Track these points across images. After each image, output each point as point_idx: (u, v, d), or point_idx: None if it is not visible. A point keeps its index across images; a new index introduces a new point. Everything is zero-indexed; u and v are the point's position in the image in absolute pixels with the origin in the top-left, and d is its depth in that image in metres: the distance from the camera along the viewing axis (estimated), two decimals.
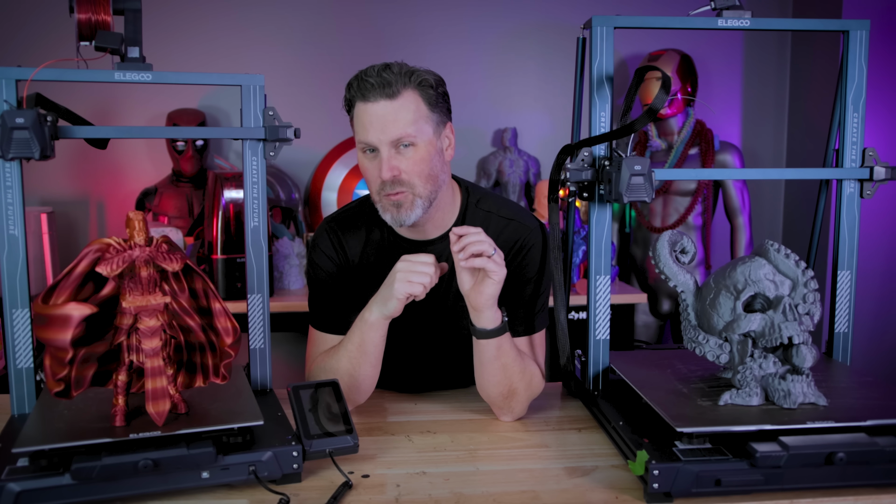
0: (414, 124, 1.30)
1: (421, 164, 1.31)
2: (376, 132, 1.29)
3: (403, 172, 1.30)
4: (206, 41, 3.43)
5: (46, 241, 2.90)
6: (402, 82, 1.29)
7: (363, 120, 1.30)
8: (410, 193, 1.32)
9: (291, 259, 2.88)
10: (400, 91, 1.29)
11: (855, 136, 1.41)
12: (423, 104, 1.32)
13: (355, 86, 1.31)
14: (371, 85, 1.28)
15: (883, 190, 1.48)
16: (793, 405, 1.14)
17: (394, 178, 1.30)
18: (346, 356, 1.33)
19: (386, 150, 1.30)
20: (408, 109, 1.29)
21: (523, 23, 3.58)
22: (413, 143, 1.30)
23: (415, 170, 1.31)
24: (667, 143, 3.11)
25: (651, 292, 3.19)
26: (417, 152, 1.31)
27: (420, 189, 1.32)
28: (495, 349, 1.30)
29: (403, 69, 1.31)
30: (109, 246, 1.03)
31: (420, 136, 1.30)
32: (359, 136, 1.32)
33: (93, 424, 1.08)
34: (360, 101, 1.30)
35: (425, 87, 1.32)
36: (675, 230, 1.35)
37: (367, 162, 1.34)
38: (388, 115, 1.29)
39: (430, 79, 1.33)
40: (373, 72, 1.30)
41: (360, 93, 1.30)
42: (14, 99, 1.18)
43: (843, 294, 1.44)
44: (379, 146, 1.30)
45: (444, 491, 1.09)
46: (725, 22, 1.34)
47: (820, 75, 3.46)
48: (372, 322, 1.31)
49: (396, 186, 1.31)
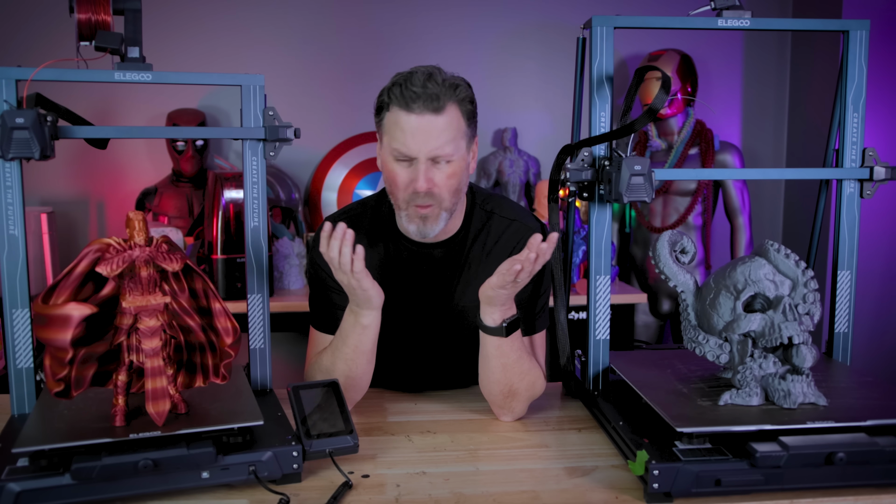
0: (454, 142, 1.29)
1: (453, 179, 1.31)
2: (418, 144, 1.27)
3: (436, 186, 1.30)
4: (206, 41, 3.43)
5: (46, 241, 2.90)
6: (448, 96, 1.28)
7: (404, 129, 1.28)
8: (437, 207, 1.32)
9: (291, 259, 2.88)
10: (445, 106, 1.27)
11: (855, 136, 1.41)
12: (463, 120, 1.31)
13: (398, 93, 1.27)
14: (416, 95, 1.26)
15: (883, 190, 1.48)
16: (793, 405, 1.14)
17: (428, 190, 1.30)
18: (341, 356, 1.33)
19: (423, 161, 1.28)
20: (451, 127, 1.28)
21: (523, 23, 3.58)
22: (450, 158, 1.30)
23: (447, 184, 1.31)
24: (667, 143, 3.11)
25: (651, 292, 3.19)
26: (451, 167, 1.31)
27: (447, 203, 1.33)
28: (495, 348, 1.30)
29: (447, 81, 1.28)
30: (109, 246, 1.03)
31: (457, 153, 1.30)
32: (395, 145, 1.29)
33: (93, 424, 1.08)
34: (403, 109, 1.27)
35: (465, 103, 1.31)
36: (675, 230, 1.35)
37: (399, 168, 1.31)
38: (433, 129, 1.27)
39: (470, 95, 1.32)
40: (418, 81, 1.26)
41: (403, 100, 1.27)
42: (14, 99, 1.18)
43: (843, 294, 1.44)
44: (417, 156, 1.28)
45: (444, 491, 1.09)
46: (725, 22, 1.34)
47: (820, 75, 3.46)
48: (364, 323, 1.30)
49: (427, 199, 1.31)
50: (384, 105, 1.31)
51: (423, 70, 1.29)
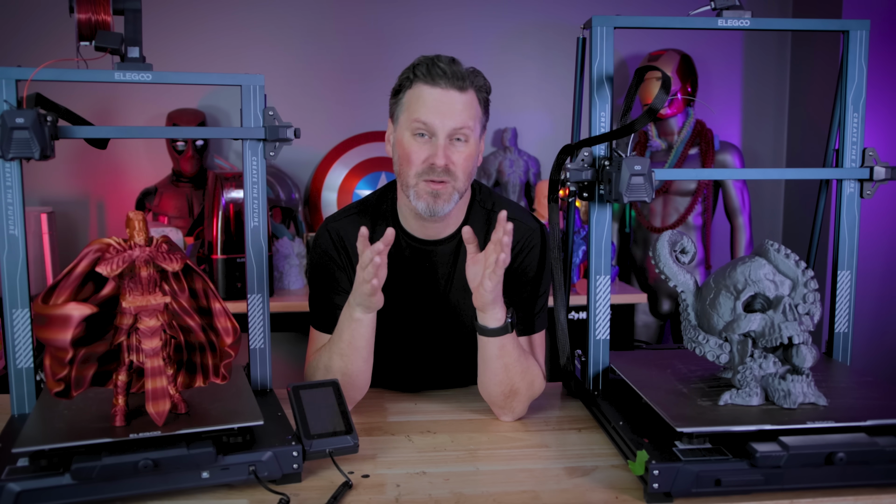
0: (473, 120, 1.34)
1: (468, 161, 1.35)
2: (441, 116, 1.31)
3: (453, 164, 1.33)
4: (206, 41, 3.43)
5: (46, 241, 2.90)
6: (471, 80, 1.34)
7: (427, 102, 1.32)
8: (452, 185, 1.34)
9: (291, 259, 2.88)
10: (468, 87, 1.34)
11: (855, 136, 1.41)
12: (480, 107, 1.37)
13: (423, 70, 1.32)
14: (443, 72, 1.31)
15: (883, 190, 1.48)
16: (793, 405, 1.14)
17: (446, 166, 1.32)
18: (337, 353, 1.33)
19: (443, 137, 1.32)
20: (471, 106, 1.34)
21: (523, 23, 3.58)
22: (467, 138, 1.34)
23: (462, 164, 1.34)
24: (667, 143, 3.11)
25: (651, 292, 3.19)
26: (468, 148, 1.34)
27: (460, 184, 1.35)
28: (497, 349, 1.30)
29: (468, 68, 1.35)
30: (109, 246, 1.03)
31: (473, 134, 1.35)
32: (417, 115, 1.32)
33: (93, 424, 1.08)
34: (428, 84, 1.32)
35: (483, 91, 1.38)
36: (675, 230, 1.35)
37: (416, 144, 1.34)
38: (457, 104, 1.32)
39: (488, 85, 1.39)
40: (444, 60, 1.33)
41: (429, 76, 1.32)
42: (14, 99, 1.18)
43: (843, 294, 1.44)
44: (438, 132, 1.32)
45: (444, 491, 1.09)
46: (725, 22, 1.34)
47: (820, 75, 3.46)
48: (359, 318, 1.30)
49: (443, 175, 1.33)
50: (406, 83, 1.35)
51: (445, 55, 1.35)
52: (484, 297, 1.25)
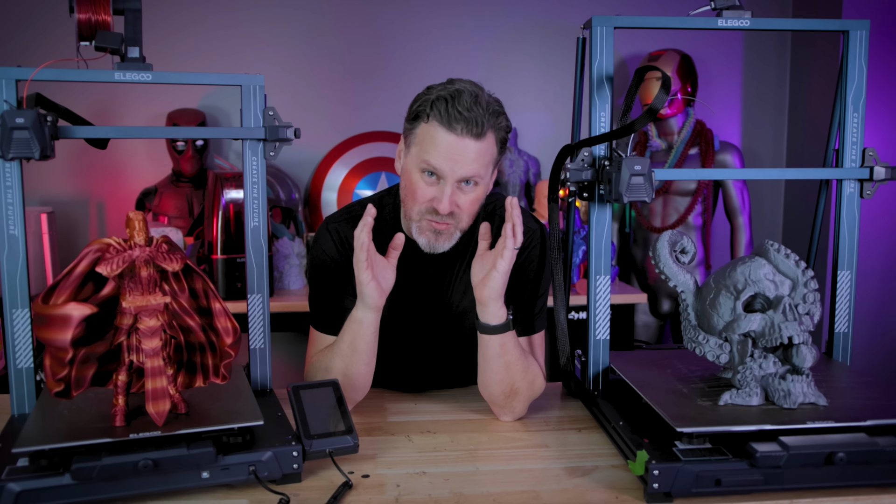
0: (485, 168, 1.30)
1: (475, 204, 1.33)
2: (452, 164, 1.27)
3: (458, 209, 1.31)
4: (206, 41, 3.43)
5: (46, 241, 2.90)
6: (489, 124, 1.28)
7: (440, 147, 1.27)
8: (455, 227, 1.34)
9: (291, 259, 2.88)
10: (485, 133, 1.28)
11: (855, 136, 1.41)
12: (496, 148, 1.32)
13: (441, 109, 1.26)
14: (460, 117, 1.25)
15: (883, 190, 1.48)
16: (793, 405, 1.14)
17: (450, 211, 1.30)
18: (339, 355, 1.33)
19: (451, 183, 1.29)
20: (486, 154, 1.29)
21: (523, 23, 3.58)
22: (477, 183, 1.31)
23: (468, 208, 1.32)
24: (667, 143, 3.11)
25: (651, 292, 3.19)
26: (476, 191, 1.32)
27: (464, 224, 1.34)
28: (499, 346, 1.30)
29: (490, 107, 1.28)
30: (109, 246, 1.03)
31: (483, 179, 1.32)
32: (427, 157, 1.28)
33: (93, 424, 1.08)
34: (443, 127, 1.26)
35: (501, 130, 1.32)
36: (675, 230, 1.35)
37: (423, 183, 1.31)
38: (470, 154, 1.27)
39: (508, 125, 1.33)
40: (465, 103, 1.25)
41: (446, 119, 1.26)
42: (14, 99, 1.18)
43: (843, 294, 1.44)
44: (447, 177, 1.28)
45: (444, 491, 1.09)
46: (725, 22, 1.34)
47: (820, 75, 3.46)
48: (360, 319, 1.31)
49: (446, 218, 1.32)
50: (422, 115, 1.30)
51: (469, 90, 1.28)
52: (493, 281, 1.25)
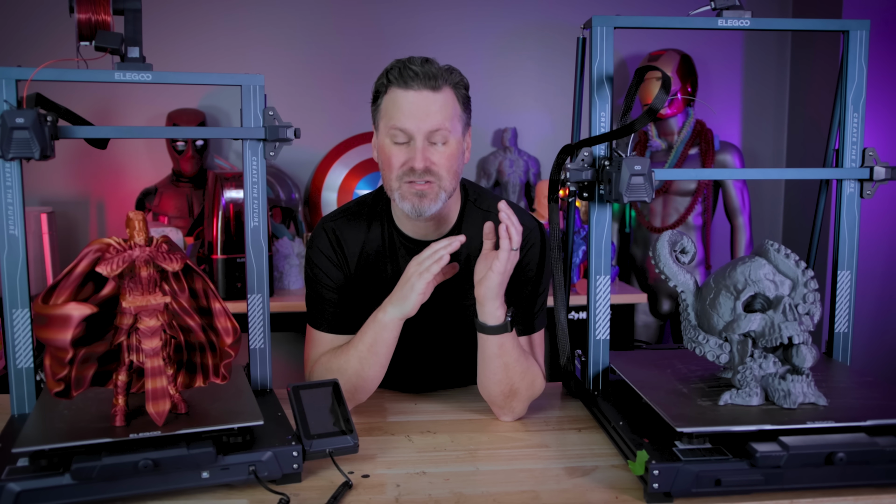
0: (450, 120, 1.32)
1: (451, 160, 1.34)
2: (416, 120, 1.30)
3: (435, 164, 1.32)
4: (206, 41, 3.43)
5: (46, 241, 2.90)
6: (444, 78, 1.32)
7: (401, 106, 1.31)
8: (437, 185, 1.33)
9: (291, 259, 2.88)
10: (442, 86, 1.31)
11: (855, 136, 1.41)
12: (458, 104, 1.35)
13: (396, 73, 1.31)
14: (415, 74, 1.30)
15: (883, 190, 1.48)
16: (793, 405, 1.14)
17: (426, 168, 1.31)
18: (356, 356, 1.33)
19: (421, 139, 1.31)
20: (448, 105, 1.32)
21: (523, 23, 3.58)
22: (447, 139, 1.32)
23: (445, 164, 1.33)
24: (667, 143, 3.11)
25: (651, 292, 3.19)
26: (448, 148, 1.33)
27: (446, 183, 1.34)
28: (497, 347, 1.30)
29: (443, 66, 1.33)
30: (109, 246, 1.03)
31: (453, 133, 1.33)
32: (393, 122, 1.31)
33: (93, 424, 1.08)
34: (401, 87, 1.31)
35: (460, 87, 1.35)
36: (675, 230, 1.35)
37: (395, 148, 1.33)
38: (431, 105, 1.30)
39: (465, 81, 1.37)
40: (416, 62, 1.31)
41: (401, 80, 1.30)
42: (14, 99, 1.18)
43: (843, 294, 1.44)
44: (415, 134, 1.31)
45: (444, 491, 1.09)
46: (725, 22, 1.34)
47: (820, 75, 3.46)
48: (386, 322, 1.31)
49: (426, 176, 1.32)
50: (381, 89, 1.34)
51: (420, 56, 1.33)
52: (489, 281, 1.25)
